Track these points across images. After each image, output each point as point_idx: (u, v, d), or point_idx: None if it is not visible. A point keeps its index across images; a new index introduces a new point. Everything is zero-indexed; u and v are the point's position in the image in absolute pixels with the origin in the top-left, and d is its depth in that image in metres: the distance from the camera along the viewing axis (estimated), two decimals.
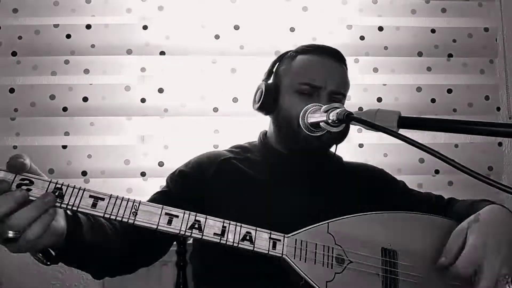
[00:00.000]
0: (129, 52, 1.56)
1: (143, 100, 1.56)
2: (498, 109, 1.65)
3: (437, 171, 1.60)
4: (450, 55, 1.65)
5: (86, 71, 1.56)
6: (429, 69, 1.65)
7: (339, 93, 1.01)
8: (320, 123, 0.81)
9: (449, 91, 1.64)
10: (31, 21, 1.58)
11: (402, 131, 0.63)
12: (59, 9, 1.57)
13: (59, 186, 0.66)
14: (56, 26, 1.56)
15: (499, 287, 0.76)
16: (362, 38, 1.63)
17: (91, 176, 1.53)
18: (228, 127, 1.58)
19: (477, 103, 1.64)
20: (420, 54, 1.64)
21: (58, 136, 1.56)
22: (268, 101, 1.03)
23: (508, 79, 1.68)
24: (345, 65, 1.08)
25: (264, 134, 1.12)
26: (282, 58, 1.11)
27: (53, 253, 0.70)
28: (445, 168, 1.58)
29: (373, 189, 1.06)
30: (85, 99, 1.54)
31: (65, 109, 1.54)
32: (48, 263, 0.71)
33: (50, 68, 1.56)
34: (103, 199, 0.68)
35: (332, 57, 1.04)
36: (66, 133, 1.55)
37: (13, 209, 0.61)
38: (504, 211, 0.88)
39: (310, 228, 0.80)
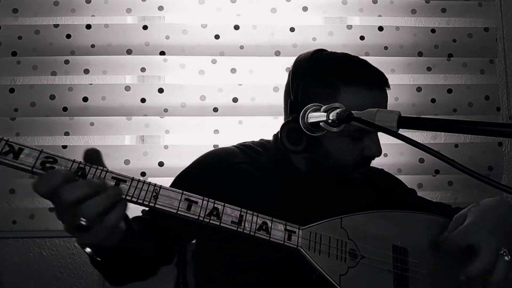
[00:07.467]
0: (129, 52, 1.56)
1: (143, 100, 1.56)
2: (498, 109, 1.65)
3: (437, 171, 1.60)
4: (450, 55, 1.65)
5: (86, 71, 1.56)
6: (429, 69, 1.65)
7: None
8: (320, 123, 0.81)
9: (449, 91, 1.64)
10: (31, 21, 1.58)
11: (402, 131, 0.63)
12: (59, 9, 1.57)
13: (82, 166, 0.66)
14: (56, 26, 1.56)
15: (498, 258, 0.78)
16: (362, 38, 1.63)
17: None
18: (228, 127, 1.58)
19: (477, 103, 1.64)
20: (420, 54, 1.64)
21: (58, 136, 1.56)
22: (312, 142, 0.87)
23: (508, 79, 1.68)
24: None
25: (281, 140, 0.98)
26: (309, 81, 0.91)
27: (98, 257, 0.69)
28: (445, 168, 1.58)
29: (388, 200, 1.04)
30: (85, 99, 1.54)
31: (65, 109, 1.54)
32: (98, 258, 0.69)
33: (50, 68, 1.55)
34: (125, 181, 0.69)
35: (381, 88, 0.92)
36: (66, 133, 1.55)
37: (88, 196, 0.59)
38: (504, 201, 0.91)
39: (323, 222, 0.80)
